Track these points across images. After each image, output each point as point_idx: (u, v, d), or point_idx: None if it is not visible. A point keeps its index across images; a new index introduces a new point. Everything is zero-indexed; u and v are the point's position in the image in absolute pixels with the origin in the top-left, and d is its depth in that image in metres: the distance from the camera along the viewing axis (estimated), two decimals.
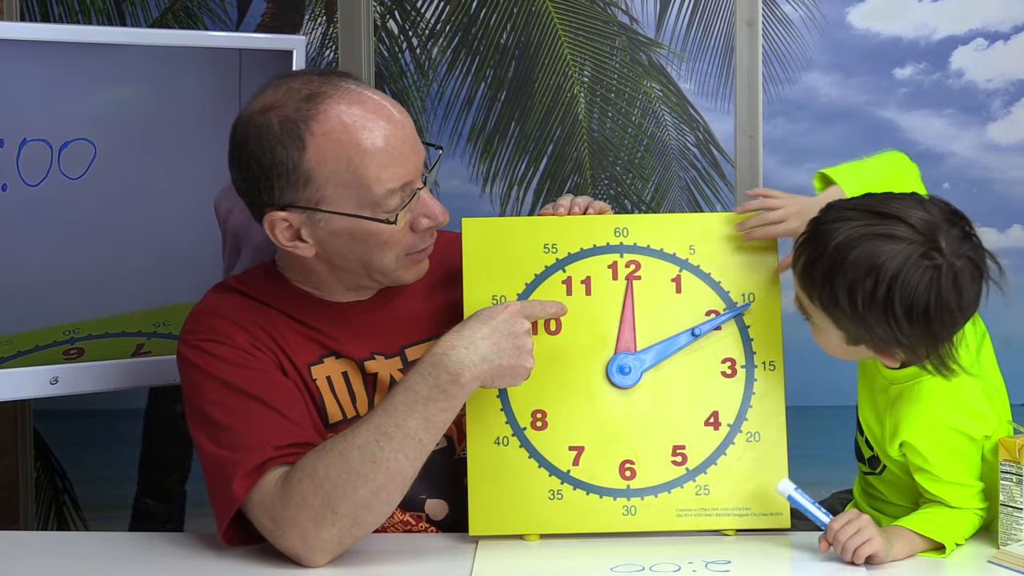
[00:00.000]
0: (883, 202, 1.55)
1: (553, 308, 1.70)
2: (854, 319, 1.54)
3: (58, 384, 2.02)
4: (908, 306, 1.50)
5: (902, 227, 1.51)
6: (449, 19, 2.66)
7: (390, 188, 1.64)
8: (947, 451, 1.62)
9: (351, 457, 1.56)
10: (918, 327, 1.52)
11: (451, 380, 1.59)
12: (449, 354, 1.59)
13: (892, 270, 1.50)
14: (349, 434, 1.59)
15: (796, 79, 2.63)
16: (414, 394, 1.59)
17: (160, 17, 2.67)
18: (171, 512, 2.78)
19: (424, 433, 1.58)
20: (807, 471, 1.85)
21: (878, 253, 1.50)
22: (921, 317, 1.51)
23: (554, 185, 2.68)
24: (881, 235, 1.51)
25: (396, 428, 1.57)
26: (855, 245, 1.51)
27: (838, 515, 1.57)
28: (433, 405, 1.58)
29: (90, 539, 2.00)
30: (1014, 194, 2.62)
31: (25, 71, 1.92)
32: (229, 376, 1.66)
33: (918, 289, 1.50)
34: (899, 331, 1.52)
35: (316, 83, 1.66)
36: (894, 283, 1.50)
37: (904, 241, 1.51)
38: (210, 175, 2.07)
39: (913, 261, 1.50)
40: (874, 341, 1.56)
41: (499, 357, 1.61)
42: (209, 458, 1.64)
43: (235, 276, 1.81)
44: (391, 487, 1.58)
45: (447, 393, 1.59)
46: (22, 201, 1.93)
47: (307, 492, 1.56)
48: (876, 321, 1.52)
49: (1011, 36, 2.60)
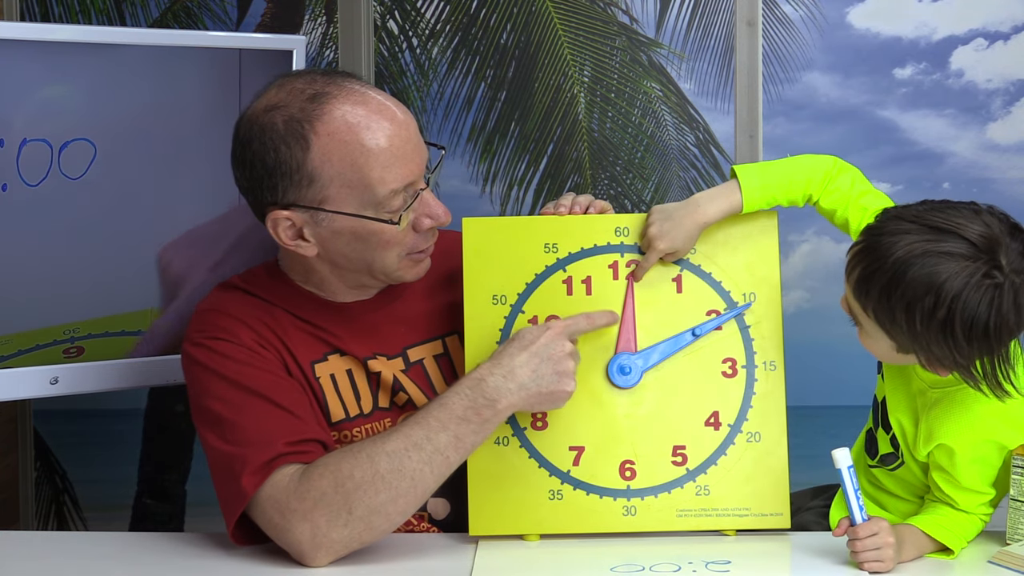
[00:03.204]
0: (941, 214, 1.51)
1: (603, 319, 1.69)
2: (911, 336, 1.51)
3: (58, 384, 2.02)
4: (968, 327, 1.48)
5: (962, 243, 1.48)
6: (449, 19, 2.66)
7: (393, 188, 1.64)
8: (978, 460, 1.61)
9: (378, 461, 1.57)
10: (976, 346, 1.50)
11: (487, 405, 1.60)
12: (487, 380, 1.60)
13: (953, 290, 1.47)
14: (379, 439, 1.59)
15: (796, 79, 2.63)
16: (449, 411, 1.59)
17: (160, 17, 2.67)
18: (171, 512, 2.77)
19: (452, 451, 1.59)
20: (807, 471, 1.85)
21: (938, 272, 1.47)
22: (980, 337, 1.49)
23: (554, 185, 2.68)
24: (942, 253, 1.48)
25: (427, 441, 1.58)
26: (914, 262, 1.48)
27: (870, 522, 1.55)
28: (466, 426, 1.59)
29: (90, 539, 2.00)
30: (1014, 194, 2.61)
31: (25, 71, 1.92)
32: (235, 374, 1.66)
33: (979, 309, 1.47)
34: (957, 350, 1.50)
35: (320, 83, 1.66)
36: (955, 304, 1.47)
37: (965, 259, 1.48)
38: (210, 174, 2.07)
39: (975, 281, 1.47)
40: (929, 357, 1.54)
41: (537, 384, 1.61)
42: (217, 455, 1.64)
43: (239, 275, 1.81)
44: (410, 497, 1.58)
45: (481, 416, 1.59)
46: (22, 201, 1.93)
47: (327, 488, 1.56)
48: (934, 340, 1.50)
49: (1011, 36, 2.60)
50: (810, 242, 2.65)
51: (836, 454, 1.58)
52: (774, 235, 1.75)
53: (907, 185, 2.61)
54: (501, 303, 1.73)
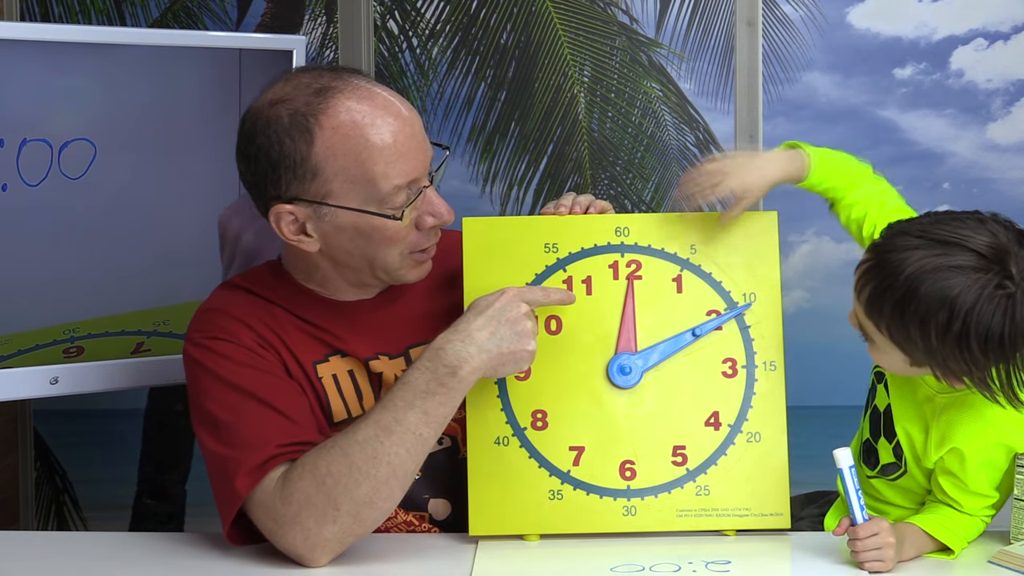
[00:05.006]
0: (947, 227, 1.52)
1: (557, 295, 1.69)
2: (927, 351, 1.51)
3: (58, 384, 2.02)
4: (983, 338, 1.48)
5: (971, 256, 1.48)
6: (449, 19, 2.66)
7: (397, 184, 1.65)
8: (987, 464, 1.62)
9: (352, 453, 1.57)
10: (992, 357, 1.50)
11: (449, 373, 1.59)
12: (445, 348, 1.60)
13: (967, 304, 1.47)
14: (350, 431, 1.59)
15: (796, 79, 2.63)
16: (412, 388, 1.59)
17: (160, 17, 2.67)
18: (171, 512, 2.77)
19: (424, 427, 1.58)
20: (807, 471, 1.85)
21: (950, 286, 1.47)
22: (996, 348, 1.49)
23: (554, 185, 2.68)
24: (953, 267, 1.48)
25: (396, 423, 1.57)
26: (925, 278, 1.48)
27: (870, 522, 1.55)
28: (432, 399, 1.58)
29: (90, 539, 2.00)
30: (1014, 194, 2.61)
31: (25, 71, 1.92)
32: (234, 375, 1.66)
33: (993, 320, 1.47)
34: (973, 363, 1.50)
35: (327, 78, 1.67)
36: (969, 317, 1.47)
37: (975, 271, 1.48)
38: (210, 174, 2.07)
39: (988, 293, 1.47)
40: (944, 371, 1.54)
41: (497, 345, 1.60)
42: (212, 456, 1.64)
43: (240, 275, 1.81)
44: (392, 483, 1.58)
45: (445, 386, 1.59)
46: (22, 201, 1.93)
47: (309, 489, 1.56)
48: (950, 354, 1.50)
49: (1011, 36, 2.60)
50: (810, 242, 2.65)
51: (837, 454, 1.58)
52: (774, 235, 1.75)
53: (907, 185, 2.60)
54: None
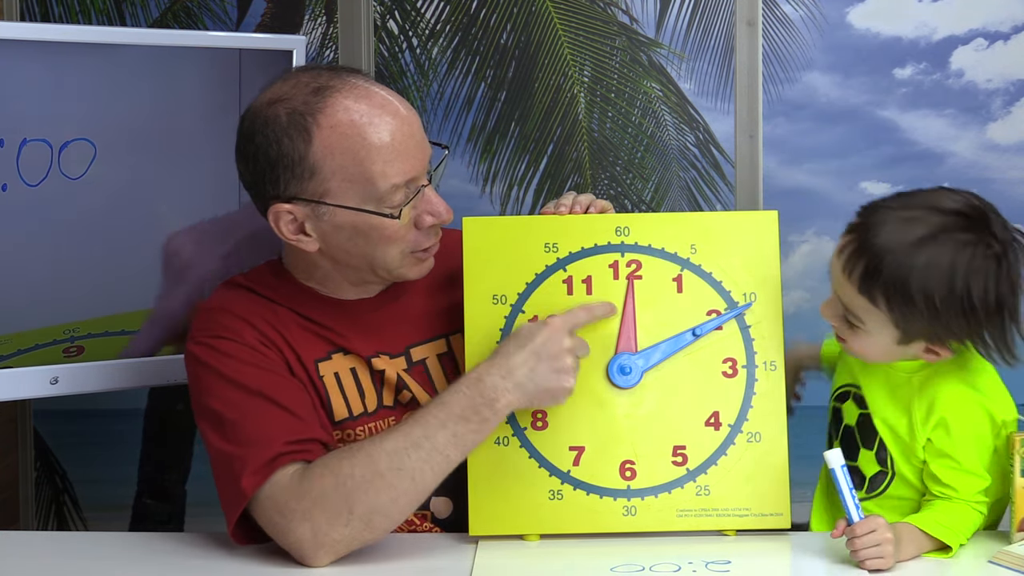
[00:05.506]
0: (921, 197, 1.62)
1: (602, 310, 1.70)
2: (930, 318, 1.57)
3: (58, 384, 2.02)
4: (983, 296, 1.55)
5: (958, 218, 1.57)
6: (449, 19, 2.66)
7: (395, 183, 1.65)
8: (975, 437, 1.63)
9: (378, 460, 1.57)
10: (991, 313, 1.56)
11: (485, 404, 1.60)
12: (484, 380, 1.60)
13: (963, 265, 1.55)
14: (378, 438, 1.59)
15: (796, 79, 2.63)
16: (448, 410, 1.60)
17: (160, 17, 2.67)
18: (171, 512, 2.77)
19: (452, 449, 1.59)
20: (807, 471, 1.84)
21: (943, 251, 1.55)
22: (995, 306, 1.56)
23: (554, 185, 2.68)
24: (941, 231, 1.56)
25: (426, 439, 1.58)
26: (922, 245, 1.56)
27: (866, 520, 1.56)
28: (465, 424, 1.59)
29: (90, 539, 2.00)
30: (1014, 194, 2.61)
31: (25, 71, 1.92)
32: (238, 373, 1.66)
33: (987, 279, 1.55)
34: (974, 321, 1.57)
35: (325, 77, 1.67)
36: (969, 278, 1.55)
37: (961, 231, 1.56)
38: (210, 174, 2.07)
39: (980, 251, 1.55)
40: (941, 337, 1.60)
41: (535, 383, 1.61)
42: (217, 454, 1.64)
43: (243, 274, 1.82)
44: (410, 496, 1.58)
45: (480, 415, 1.60)
46: (22, 201, 1.93)
47: (328, 487, 1.56)
48: (953, 317, 1.56)
49: (1011, 36, 2.60)
50: (810, 242, 2.65)
51: (828, 455, 1.59)
52: (774, 235, 1.75)
53: (907, 185, 2.56)
54: (501, 303, 1.73)
